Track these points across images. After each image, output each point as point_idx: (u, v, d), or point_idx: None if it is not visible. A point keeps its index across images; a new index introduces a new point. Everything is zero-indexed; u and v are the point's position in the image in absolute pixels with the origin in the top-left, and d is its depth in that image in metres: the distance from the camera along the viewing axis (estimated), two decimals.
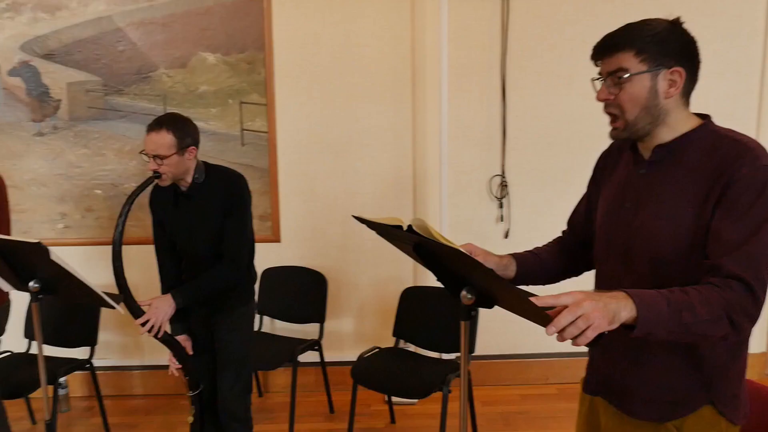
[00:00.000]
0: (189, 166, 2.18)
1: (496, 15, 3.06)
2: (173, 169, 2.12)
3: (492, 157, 3.18)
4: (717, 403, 1.26)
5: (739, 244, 1.11)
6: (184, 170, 2.16)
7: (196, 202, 2.23)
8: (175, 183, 2.21)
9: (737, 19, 3.08)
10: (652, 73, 1.20)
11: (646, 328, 1.04)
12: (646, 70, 1.20)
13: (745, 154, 1.16)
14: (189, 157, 2.16)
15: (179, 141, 2.11)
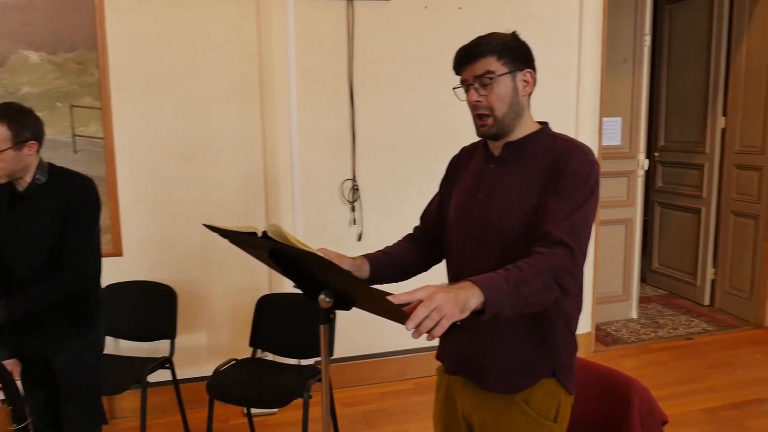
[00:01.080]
0: (28, 163, 1.93)
1: (342, 22, 3.12)
2: (8, 165, 1.87)
3: (343, 162, 3.23)
4: (559, 374, 1.41)
5: (565, 216, 1.27)
6: (22, 167, 1.91)
7: (34, 205, 1.96)
8: (12, 182, 1.96)
9: (556, 33, 3.42)
10: (512, 74, 1.39)
11: (493, 309, 1.12)
12: (507, 71, 1.38)
13: (576, 151, 1.36)
14: (28, 152, 1.91)
15: (15, 134, 1.86)
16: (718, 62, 4.36)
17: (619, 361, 3.70)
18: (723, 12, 4.30)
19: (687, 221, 4.75)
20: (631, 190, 4.24)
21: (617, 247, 4.27)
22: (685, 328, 4.22)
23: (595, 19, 3.45)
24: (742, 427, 2.91)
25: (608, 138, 4.04)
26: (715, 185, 4.49)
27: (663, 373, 3.54)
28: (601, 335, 4.08)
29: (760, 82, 4.10)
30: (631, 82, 4.10)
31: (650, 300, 4.83)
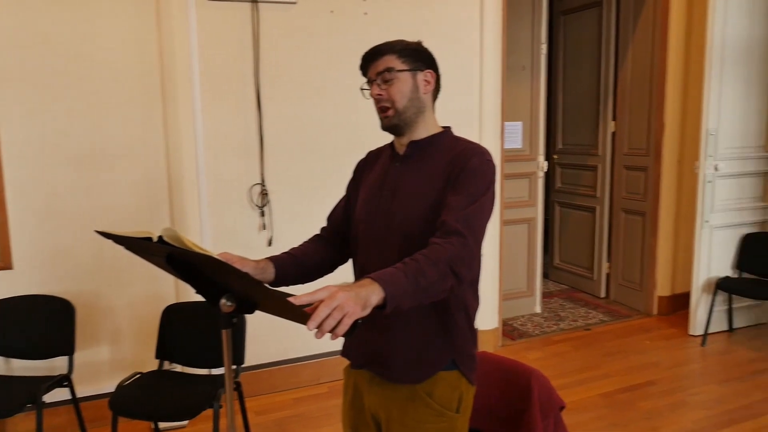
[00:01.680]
0: None
1: (247, 24, 3.08)
2: None
3: (251, 166, 3.18)
4: (460, 364, 1.46)
5: (462, 208, 1.34)
6: None
7: None
8: None
9: (458, 41, 3.55)
10: (412, 72, 1.48)
11: (394, 303, 1.16)
12: (407, 69, 1.47)
13: (474, 151, 1.44)
14: None
15: None
16: (607, 70, 4.68)
17: (524, 354, 3.88)
18: (610, 24, 4.61)
19: (584, 219, 5.05)
20: (533, 191, 4.45)
21: (521, 245, 4.47)
22: (584, 319, 4.48)
23: (494, 28, 3.60)
24: (634, 408, 3.12)
25: (510, 141, 4.23)
26: (607, 185, 4.80)
27: (564, 362, 3.74)
28: (507, 330, 4.26)
29: (643, 89, 4.43)
30: (530, 88, 4.31)
31: (553, 295, 5.09)
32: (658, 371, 3.58)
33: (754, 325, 4.27)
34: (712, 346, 3.94)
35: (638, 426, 2.95)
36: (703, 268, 4.01)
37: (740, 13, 3.84)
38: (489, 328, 3.88)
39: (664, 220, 4.42)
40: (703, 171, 3.89)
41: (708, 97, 3.81)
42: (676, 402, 3.20)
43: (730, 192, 4.03)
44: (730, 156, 3.96)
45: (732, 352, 3.85)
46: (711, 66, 3.79)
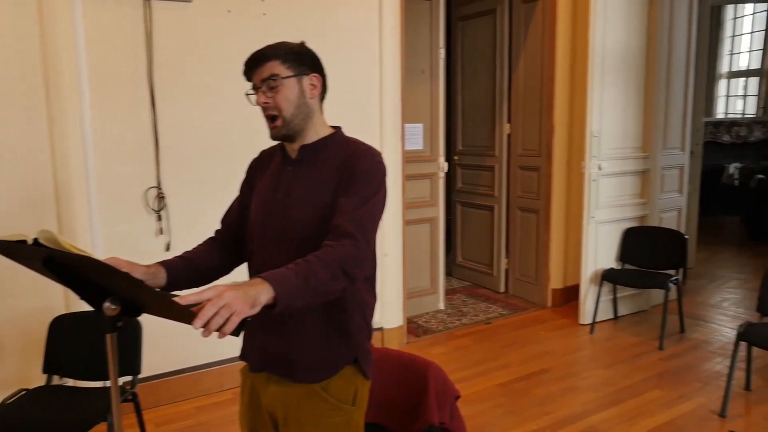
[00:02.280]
0: None
1: (138, 23, 2.97)
2: None
3: (146, 169, 3.07)
4: (359, 360, 1.50)
5: (353, 210, 1.37)
6: None
7: None
8: None
9: (358, 45, 3.60)
10: (297, 78, 1.46)
11: (284, 303, 1.17)
12: (292, 74, 1.45)
13: (365, 153, 1.47)
14: None
15: None
16: (502, 75, 4.91)
17: (428, 350, 3.99)
18: (504, 32, 4.85)
19: (483, 218, 5.26)
20: (434, 191, 4.59)
21: (424, 244, 4.60)
22: (485, 314, 4.67)
23: (393, 33, 3.69)
24: (529, 395, 3.30)
25: (411, 143, 4.34)
26: (504, 185, 5.04)
27: (466, 356, 3.88)
28: (412, 327, 4.36)
29: (535, 93, 4.69)
30: (429, 91, 4.44)
31: (456, 291, 5.27)
32: (551, 359, 3.80)
33: (636, 312, 4.62)
34: (600, 334, 4.24)
35: (532, 412, 3.12)
36: (591, 261, 4.30)
37: (618, 26, 4.16)
38: (394, 326, 3.96)
39: (555, 217, 4.69)
40: (589, 170, 4.17)
41: (591, 101, 4.09)
42: (567, 387, 3.41)
43: (613, 190, 4.34)
44: (611, 156, 4.27)
45: (616, 338, 4.15)
46: (593, 73, 4.07)
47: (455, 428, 2.01)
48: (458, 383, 3.44)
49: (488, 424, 3.01)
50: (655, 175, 4.58)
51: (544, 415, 3.08)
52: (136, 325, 2.50)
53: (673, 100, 4.64)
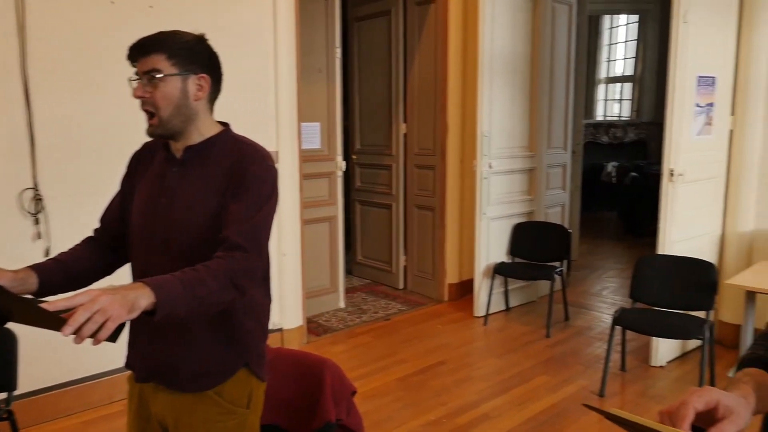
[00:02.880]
0: None
1: (9, 11, 2.76)
2: None
3: (20, 169, 2.86)
4: (251, 364, 1.48)
5: (244, 220, 1.34)
6: None
7: None
8: None
9: (252, 42, 3.55)
10: (183, 77, 1.36)
11: (165, 309, 1.14)
12: (177, 73, 1.35)
13: (255, 156, 1.42)
14: None
15: None
16: (397, 76, 5.01)
17: (329, 348, 4.00)
18: (399, 33, 4.95)
19: (382, 216, 5.35)
20: (332, 190, 4.60)
21: (323, 243, 4.60)
22: (385, 310, 4.75)
23: (288, 30, 3.66)
24: (426, 388, 3.40)
25: (308, 142, 4.32)
26: (401, 183, 5.14)
27: (366, 352, 3.93)
28: (313, 327, 4.35)
29: (429, 94, 4.83)
30: (326, 90, 4.45)
31: (356, 290, 5.32)
32: (447, 352, 3.94)
33: (525, 303, 4.88)
34: (493, 325, 4.44)
35: (429, 403, 3.22)
36: (483, 255, 4.49)
37: (505, 33, 4.37)
38: (293, 327, 3.94)
39: (450, 214, 4.86)
40: (480, 169, 4.35)
41: (482, 103, 4.27)
42: (462, 378, 3.55)
43: (502, 187, 4.56)
44: (501, 155, 4.49)
45: (508, 329, 4.37)
46: (483, 77, 4.25)
47: (352, 424, 2.03)
48: (358, 380, 3.50)
49: (387, 418, 3.07)
50: (541, 173, 4.86)
51: (440, 406, 3.19)
52: (9, 336, 2.32)
53: (555, 103, 4.94)
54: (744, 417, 0.91)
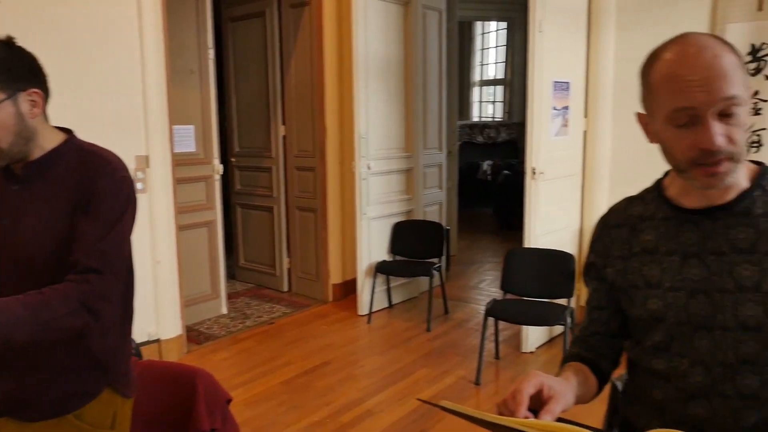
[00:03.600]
0: None
1: None
2: None
3: None
4: (114, 383, 1.41)
5: (96, 240, 1.27)
6: None
7: None
8: None
9: (116, 42, 3.37)
10: (12, 99, 1.24)
11: (3, 334, 1.06)
12: (5, 98, 1.23)
13: (105, 168, 1.32)
14: None
15: None
16: (274, 78, 4.97)
17: (211, 356, 3.90)
18: (274, 35, 4.91)
19: (264, 219, 5.28)
20: (210, 194, 4.48)
21: (202, 249, 4.47)
22: (269, 314, 4.70)
23: (155, 29, 3.51)
24: (311, 389, 3.41)
25: (182, 145, 4.18)
26: (282, 185, 5.11)
27: (250, 357, 3.87)
28: (193, 335, 4.22)
29: (307, 96, 4.83)
30: (200, 91, 4.32)
31: (239, 294, 5.21)
32: (331, 352, 3.97)
33: (408, 300, 5.03)
34: (376, 322, 4.53)
35: (314, 404, 3.24)
36: (365, 254, 4.57)
37: (378, 37, 4.48)
38: (172, 336, 3.79)
39: (332, 215, 4.90)
40: (359, 170, 4.43)
41: (358, 105, 4.34)
42: (346, 376, 3.60)
43: (381, 187, 4.67)
44: (379, 156, 4.59)
45: (391, 325, 4.48)
46: (358, 79, 4.33)
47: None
48: (241, 386, 3.46)
49: (272, 423, 3.05)
50: (418, 172, 5.03)
51: (325, 406, 3.22)
52: None
53: (430, 105, 5.13)
54: (568, 397, 1.02)
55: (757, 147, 3.49)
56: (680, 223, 1.12)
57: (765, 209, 1.05)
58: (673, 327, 1.10)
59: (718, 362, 1.05)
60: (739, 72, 1.00)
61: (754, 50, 3.45)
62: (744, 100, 1.00)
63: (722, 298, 1.05)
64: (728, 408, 1.05)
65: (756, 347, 1.03)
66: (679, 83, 0.99)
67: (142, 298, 3.61)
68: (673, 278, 1.10)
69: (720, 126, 0.98)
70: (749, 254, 1.04)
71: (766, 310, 1.02)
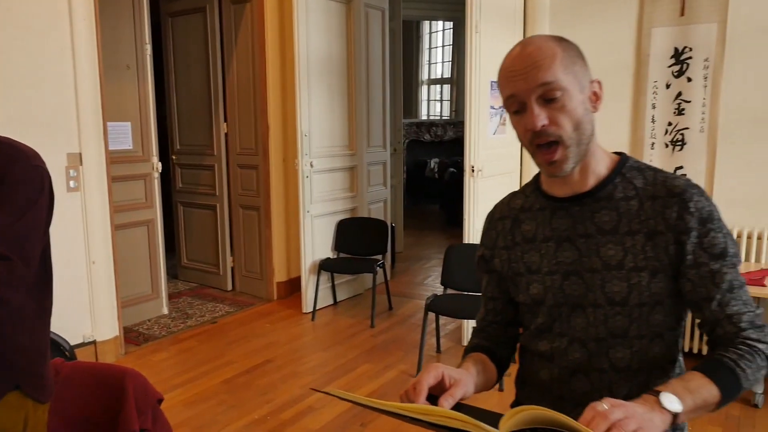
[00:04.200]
0: None
1: None
2: None
3: None
4: (23, 386, 1.38)
5: (6, 227, 1.26)
6: None
7: None
8: None
9: (46, 36, 3.27)
10: None
11: None
12: None
13: (18, 156, 1.32)
14: None
15: None
16: (216, 75, 4.91)
17: (150, 357, 3.83)
18: (215, 31, 4.85)
19: (206, 217, 5.21)
20: (149, 193, 4.40)
21: (141, 248, 4.38)
22: (211, 313, 4.65)
23: (87, 24, 3.42)
24: (252, 387, 3.40)
25: (119, 142, 4.09)
26: (225, 183, 5.06)
27: (190, 357, 3.83)
28: (132, 336, 4.14)
29: (249, 94, 4.80)
30: (137, 88, 4.23)
31: (182, 294, 5.13)
32: (274, 349, 3.96)
33: (353, 297, 5.06)
34: (320, 320, 4.54)
35: (254, 402, 3.23)
36: (309, 252, 4.58)
37: (320, 36, 4.48)
38: (108, 338, 3.71)
39: (276, 213, 4.88)
40: (302, 167, 4.43)
41: (300, 103, 4.34)
42: (288, 374, 3.60)
43: (325, 185, 4.68)
44: (322, 154, 4.60)
45: (335, 322, 4.50)
46: (300, 77, 4.32)
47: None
48: (181, 386, 3.42)
49: (211, 422, 3.02)
50: (362, 170, 5.06)
51: (266, 404, 3.21)
52: None
53: (373, 103, 5.17)
54: (468, 385, 1.09)
55: (681, 145, 3.68)
56: (553, 211, 1.21)
57: (625, 194, 1.15)
58: (552, 309, 1.19)
59: (592, 338, 1.15)
60: (562, 62, 1.09)
61: (677, 53, 3.63)
62: (565, 89, 1.08)
63: (592, 277, 1.15)
64: (604, 381, 1.15)
65: (623, 321, 1.13)
66: (506, 74, 1.12)
67: (76, 299, 3.52)
68: (550, 263, 1.19)
69: (542, 110, 1.09)
70: (612, 235, 1.14)
71: (629, 285, 1.11)
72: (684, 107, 3.64)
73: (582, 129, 1.11)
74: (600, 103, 1.16)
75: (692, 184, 1.12)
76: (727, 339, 1.09)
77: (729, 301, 1.09)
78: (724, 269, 1.09)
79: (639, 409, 0.92)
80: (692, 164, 3.64)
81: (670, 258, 1.10)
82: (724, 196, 3.49)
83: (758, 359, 1.05)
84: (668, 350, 1.16)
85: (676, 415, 0.96)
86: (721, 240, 1.09)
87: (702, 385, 1.02)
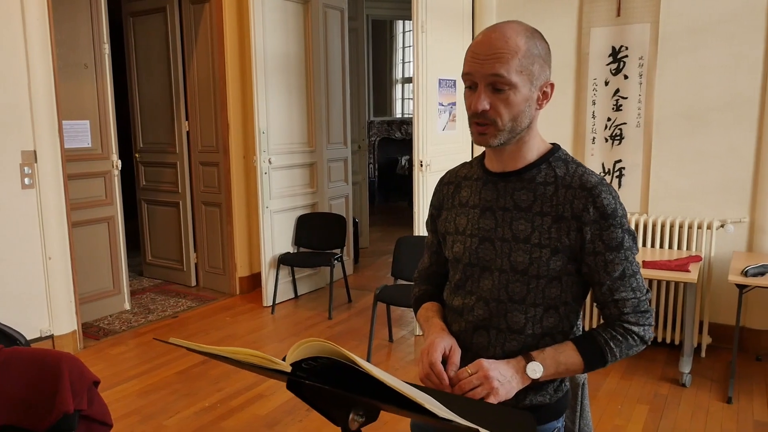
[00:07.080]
0: None
1: None
2: None
3: None
4: None
5: None
6: None
7: None
8: None
9: None
10: None
11: None
12: None
13: None
14: None
15: None
16: (176, 73, 4.99)
17: (108, 350, 3.92)
18: (175, 30, 4.93)
19: (170, 215, 5.29)
20: (109, 190, 4.47)
21: (102, 245, 4.45)
22: (173, 308, 4.73)
23: (40, 23, 3.49)
24: (206, 377, 3.50)
25: (77, 141, 4.16)
26: (187, 181, 5.14)
27: (148, 351, 3.92)
28: (92, 331, 4.21)
29: (209, 92, 4.88)
30: (95, 87, 4.31)
31: (146, 290, 5.21)
32: (232, 341, 4.07)
33: (314, 290, 5.18)
34: (280, 313, 4.65)
35: (206, 391, 3.34)
36: (269, 247, 4.68)
37: (277, 35, 4.58)
38: (65, 333, 3.79)
39: (237, 209, 4.98)
40: (260, 164, 4.53)
41: (257, 101, 4.44)
42: None
43: (284, 181, 4.79)
44: (280, 151, 4.70)
45: (295, 315, 4.62)
46: (257, 76, 4.42)
47: (95, 413, 2.10)
48: (136, 377, 3.52)
49: (162, 410, 3.13)
50: (322, 167, 5.17)
51: (217, 392, 3.32)
52: None
53: (333, 101, 5.28)
54: (456, 344, 1.31)
55: (620, 140, 3.84)
56: (485, 183, 1.35)
57: (545, 179, 1.28)
58: (467, 268, 1.34)
59: (494, 299, 1.29)
60: (521, 61, 1.20)
61: (614, 52, 3.79)
62: (514, 85, 1.20)
63: (502, 245, 1.29)
64: (500, 339, 1.29)
65: (522, 288, 1.27)
66: (470, 54, 1.23)
67: (33, 294, 3.60)
68: (473, 227, 1.34)
69: (488, 96, 1.21)
70: (526, 212, 1.28)
71: (531, 258, 1.25)
72: (621, 103, 3.80)
73: (519, 121, 1.24)
74: (547, 103, 1.28)
75: (604, 183, 1.26)
76: (610, 320, 1.28)
77: (618, 287, 1.25)
78: (617, 260, 1.24)
79: (502, 371, 1.19)
80: (630, 158, 3.80)
81: (570, 242, 1.24)
82: (659, 188, 3.66)
83: (630, 340, 1.26)
84: (560, 322, 1.29)
85: (536, 379, 1.21)
86: (619, 235, 1.24)
87: (570, 356, 1.24)
